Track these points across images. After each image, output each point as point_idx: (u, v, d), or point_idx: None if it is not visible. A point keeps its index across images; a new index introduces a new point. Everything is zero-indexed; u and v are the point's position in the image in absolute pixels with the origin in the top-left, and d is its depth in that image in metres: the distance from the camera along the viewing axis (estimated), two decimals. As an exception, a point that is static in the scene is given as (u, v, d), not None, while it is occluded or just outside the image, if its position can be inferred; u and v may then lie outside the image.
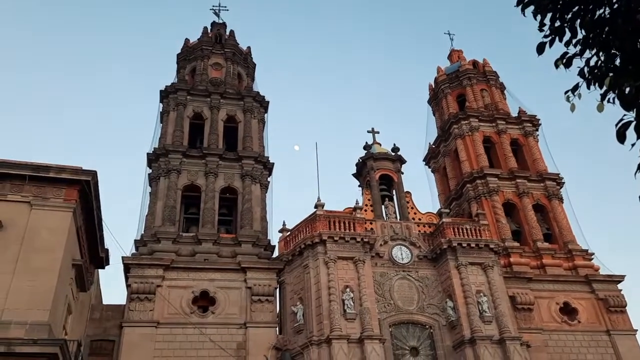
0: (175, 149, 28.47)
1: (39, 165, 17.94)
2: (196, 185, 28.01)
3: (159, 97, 31.82)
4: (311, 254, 24.50)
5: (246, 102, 31.88)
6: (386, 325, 23.61)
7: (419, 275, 25.54)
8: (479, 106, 35.28)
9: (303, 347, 22.37)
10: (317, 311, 22.98)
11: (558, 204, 30.84)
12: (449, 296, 24.74)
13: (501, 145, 33.21)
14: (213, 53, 34.50)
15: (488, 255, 25.64)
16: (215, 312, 23.69)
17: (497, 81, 37.39)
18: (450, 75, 37.95)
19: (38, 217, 17.23)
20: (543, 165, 32.48)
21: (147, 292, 23.29)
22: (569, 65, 4.84)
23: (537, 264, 28.34)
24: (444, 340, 23.86)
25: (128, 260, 23.94)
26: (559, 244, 29.51)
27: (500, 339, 23.11)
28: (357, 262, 24.30)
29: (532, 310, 26.13)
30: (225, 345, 22.69)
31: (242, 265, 24.79)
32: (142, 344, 22.08)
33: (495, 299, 24.35)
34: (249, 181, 28.43)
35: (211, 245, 25.88)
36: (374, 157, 29.49)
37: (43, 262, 16.34)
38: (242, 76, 35.00)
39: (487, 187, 30.53)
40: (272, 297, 24.71)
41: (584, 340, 25.94)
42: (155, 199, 27.04)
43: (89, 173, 18.21)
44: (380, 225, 26.76)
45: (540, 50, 4.99)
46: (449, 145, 35.00)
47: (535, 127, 34.33)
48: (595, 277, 27.74)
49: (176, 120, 30.21)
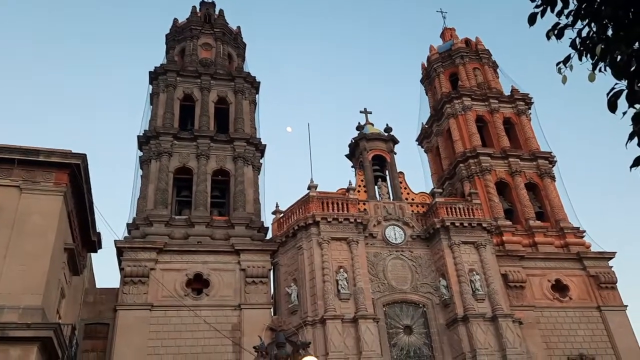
0: (165, 131, 28.22)
1: (28, 149, 17.70)
2: (188, 167, 27.85)
3: (149, 78, 31.41)
4: (305, 236, 24.53)
5: (237, 83, 31.57)
6: (380, 305, 23.78)
7: (413, 255, 25.67)
8: (471, 85, 35.15)
9: (297, 327, 22.52)
10: (311, 292, 23.10)
11: (550, 182, 30.98)
12: (442, 275, 24.91)
13: (494, 124, 33.18)
14: (202, 33, 34.02)
15: (481, 234, 25.79)
16: (209, 294, 23.76)
17: (489, 60, 37.22)
18: (443, 54, 37.72)
19: (28, 202, 17.06)
20: (535, 143, 32.53)
21: (141, 275, 23.28)
22: (561, 36, 4.75)
23: (529, 242, 28.56)
24: (437, 318, 24.09)
25: (121, 244, 23.87)
26: (551, 222, 29.72)
27: (493, 317, 23.36)
28: (350, 242, 24.37)
29: (524, 287, 26.40)
30: (220, 326, 22.79)
31: (235, 247, 24.79)
32: (136, 326, 22.15)
33: (487, 277, 24.56)
34: (241, 163, 28.29)
35: (204, 227, 25.83)
36: (366, 138, 29.39)
37: (35, 247, 16.23)
38: (233, 56, 34.60)
39: (480, 167, 30.58)
40: (266, 278, 24.78)
41: (575, 317, 26.29)
42: (147, 182, 26.87)
43: (78, 156, 18.00)
44: (374, 205, 26.78)
45: (531, 21, 4.89)
46: (442, 124, 34.93)
47: (527, 106, 34.30)
48: (586, 254, 28.01)
49: (166, 102, 29.89)
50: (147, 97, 31.39)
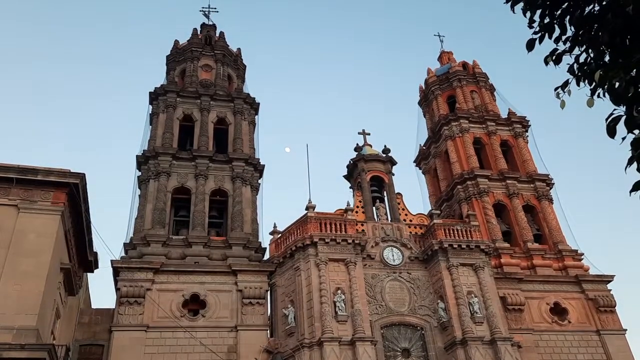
0: (164, 151, 28.29)
1: (26, 168, 17.74)
2: (186, 187, 27.84)
3: (149, 98, 31.64)
4: (302, 256, 24.43)
5: (236, 104, 31.78)
6: (377, 327, 23.57)
7: (411, 277, 25.54)
8: (469, 107, 35.44)
9: (294, 349, 22.28)
10: (309, 313, 22.90)
11: (548, 205, 31.03)
12: (440, 297, 24.76)
13: (491, 146, 33.36)
14: (203, 55, 34.36)
15: (479, 256, 25.71)
16: (205, 315, 23.54)
17: (486, 83, 37.60)
18: (441, 77, 38.10)
19: (25, 221, 17.03)
20: (533, 166, 32.67)
21: (137, 295, 23.08)
22: (559, 62, 4.84)
23: (528, 264, 28.47)
24: (436, 341, 23.86)
25: (117, 264, 23.72)
26: (549, 244, 29.67)
27: (492, 340, 23.15)
28: (348, 263, 24.26)
29: (522, 310, 26.23)
30: (216, 348, 22.54)
31: (232, 268, 24.65)
32: (131, 348, 21.87)
33: (486, 299, 24.41)
34: (240, 183, 28.31)
35: (201, 248, 25.71)
36: (364, 159, 29.48)
37: (31, 266, 16.14)
38: (233, 78, 34.89)
39: (478, 188, 30.64)
40: (263, 299, 24.59)
41: (574, 340, 26.07)
42: (145, 202, 26.83)
43: (77, 176, 18.02)
44: (372, 226, 26.74)
45: (530, 46, 4.98)
46: (440, 146, 35.11)
47: (524, 129, 34.55)
48: (585, 277, 27.91)
49: (166, 122, 30.03)
50: (147, 117, 31.55)
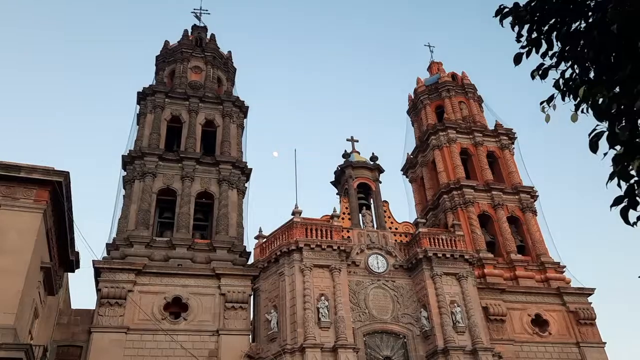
0: (151, 152, 28.07)
1: (9, 165, 17.47)
2: (172, 189, 27.64)
3: (137, 98, 31.39)
4: (287, 261, 24.35)
5: (225, 107, 31.69)
6: (360, 334, 23.54)
7: (394, 285, 25.58)
8: (457, 118, 35.72)
9: (276, 355, 22.15)
10: (292, 319, 22.80)
11: (532, 217, 31.32)
12: (423, 306, 24.82)
13: (478, 157, 33.64)
14: (193, 56, 34.23)
15: (463, 266, 25.84)
16: (187, 318, 23.33)
17: (475, 94, 37.95)
18: (430, 87, 38.38)
19: (6, 218, 16.76)
20: (518, 178, 32.98)
21: (118, 297, 22.81)
22: (545, 76, 4.90)
23: (510, 275, 28.68)
24: (418, 350, 23.89)
25: (99, 264, 23.44)
26: (532, 256, 29.93)
27: (473, 350, 23.23)
28: (333, 270, 24.22)
29: (504, 321, 26.39)
30: (197, 352, 22.33)
31: (216, 271, 24.49)
32: (111, 350, 21.60)
33: (468, 309, 24.52)
34: (226, 186, 28.18)
35: (185, 250, 25.52)
36: (352, 166, 29.53)
37: (10, 264, 15.87)
38: (222, 80, 34.80)
39: (463, 198, 30.84)
40: (246, 304, 24.46)
41: (554, 352, 26.27)
42: (129, 202, 26.58)
43: (61, 174, 17.80)
44: (357, 233, 26.76)
45: (517, 60, 5.04)
46: (427, 155, 35.32)
47: (511, 141, 34.90)
48: (566, 289, 28.19)
49: (153, 123, 29.83)
50: (134, 117, 31.33)
